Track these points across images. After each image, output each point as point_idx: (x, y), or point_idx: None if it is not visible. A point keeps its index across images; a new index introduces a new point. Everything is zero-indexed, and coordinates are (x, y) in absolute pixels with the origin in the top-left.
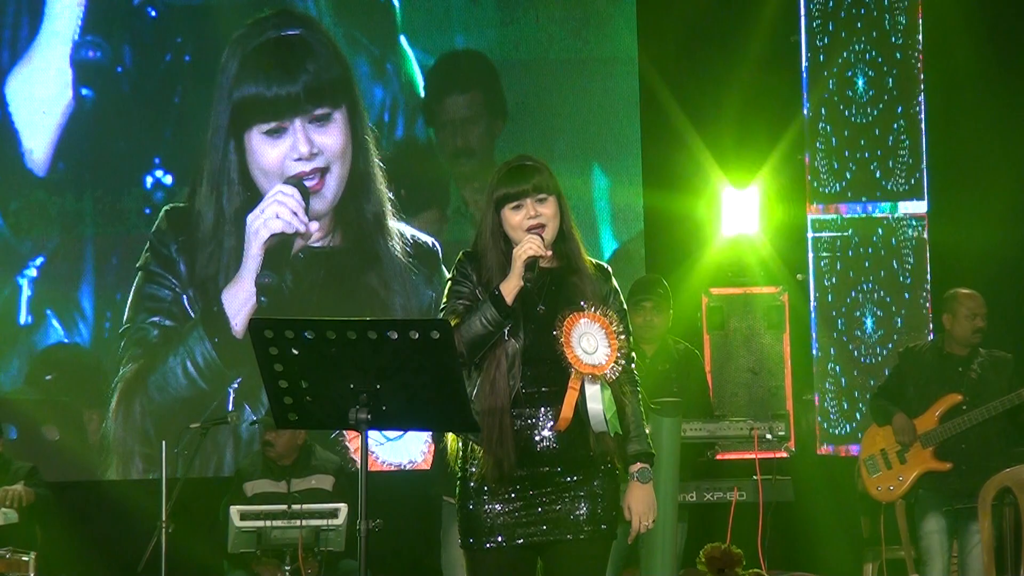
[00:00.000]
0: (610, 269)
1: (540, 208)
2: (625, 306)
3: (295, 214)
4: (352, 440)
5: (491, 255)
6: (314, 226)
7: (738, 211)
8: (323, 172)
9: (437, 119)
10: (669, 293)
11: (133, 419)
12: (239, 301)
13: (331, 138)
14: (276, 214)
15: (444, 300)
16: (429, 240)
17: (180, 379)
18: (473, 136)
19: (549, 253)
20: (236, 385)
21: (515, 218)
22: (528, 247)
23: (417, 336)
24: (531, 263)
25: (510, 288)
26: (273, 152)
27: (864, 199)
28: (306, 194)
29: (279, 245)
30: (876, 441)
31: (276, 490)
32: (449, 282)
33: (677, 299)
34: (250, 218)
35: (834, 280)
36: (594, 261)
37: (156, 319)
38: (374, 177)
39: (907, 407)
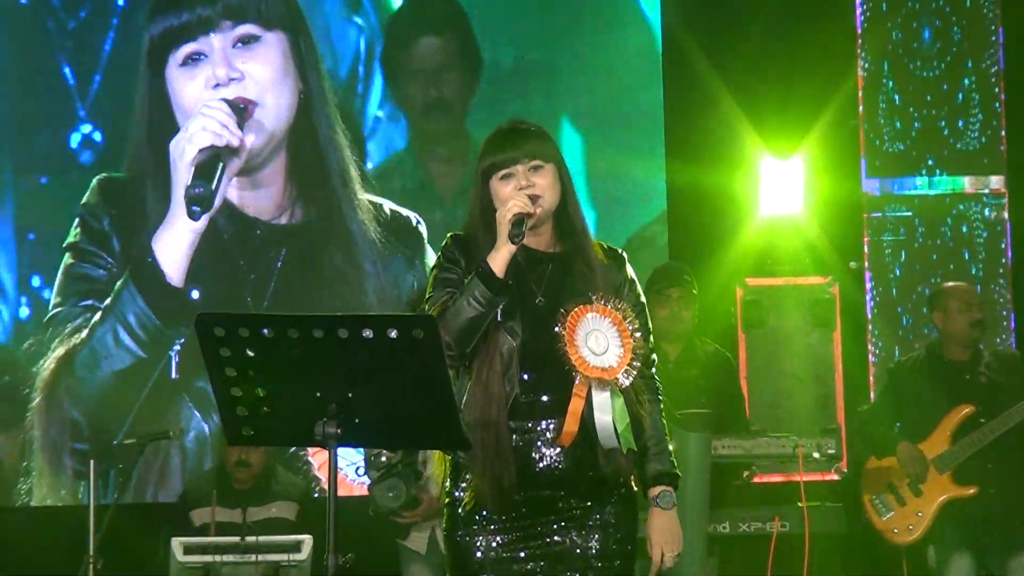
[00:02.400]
0: (624, 255)
1: (534, 177)
2: (643, 299)
3: (225, 126)
4: (316, 456)
5: (483, 236)
6: (250, 140)
7: (779, 186)
8: (250, 103)
9: (404, 68)
10: (694, 281)
11: (58, 414)
12: (174, 245)
13: (259, 64)
14: (202, 126)
15: (429, 291)
16: (411, 216)
17: (112, 350)
18: (448, 89)
19: (539, 211)
20: (178, 347)
21: (505, 189)
22: (512, 204)
23: (397, 335)
24: (517, 221)
25: (499, 258)
26: (191, 85)
27: (930, 172)
28: (238, 111)
29: (209, 160)
30: (880, 476)
31: (229, 519)
32: (434, 269)
33: (706, 292)
34: (173, 143)
35: (895, 268)
36: (605, 245)
37: (89, 302)
38: (336, 134)
39: (908, 430)
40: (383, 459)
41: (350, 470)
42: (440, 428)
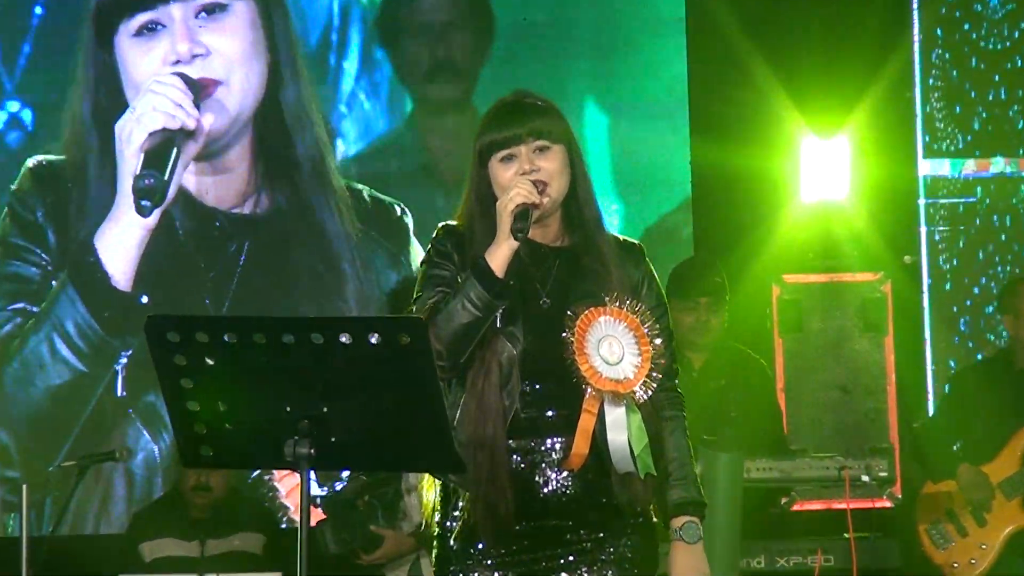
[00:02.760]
0: (643, 248)
1: (540, 160)
2: (664, 298)
3: (179, 105)
4: (284, 480)
5: (479, 227)
6: (209, 121)
7: (822, 169)
8: (215, 83)
9: (405, 24)
10: (726, 283)
11: None
12: (120, 242)
13: (226, 38)
14: (152, 106)
15: (417, 290)
16: (395, 205)
17: (47, 363)
18: (457, 50)
19: (546, 201)
20: (125, 360)
21: (505, 174)
22: (516, 193)
23: (379, 340)
24: (521, 213)
25: (499, 255)
26: (146, 60)
27: (996, 153)
28: (195, 88)
29: (161, 146)
30: (938, 502)
31: (185, 553)
32: (424, 265)
33: (738, 291)
34: (119, 125)
35: (955, 263)
36: (620, 237)
37: (19, 305)
38: (308, 112)
39: (971, 450)
40: (338, 488)
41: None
42: (429, 447)
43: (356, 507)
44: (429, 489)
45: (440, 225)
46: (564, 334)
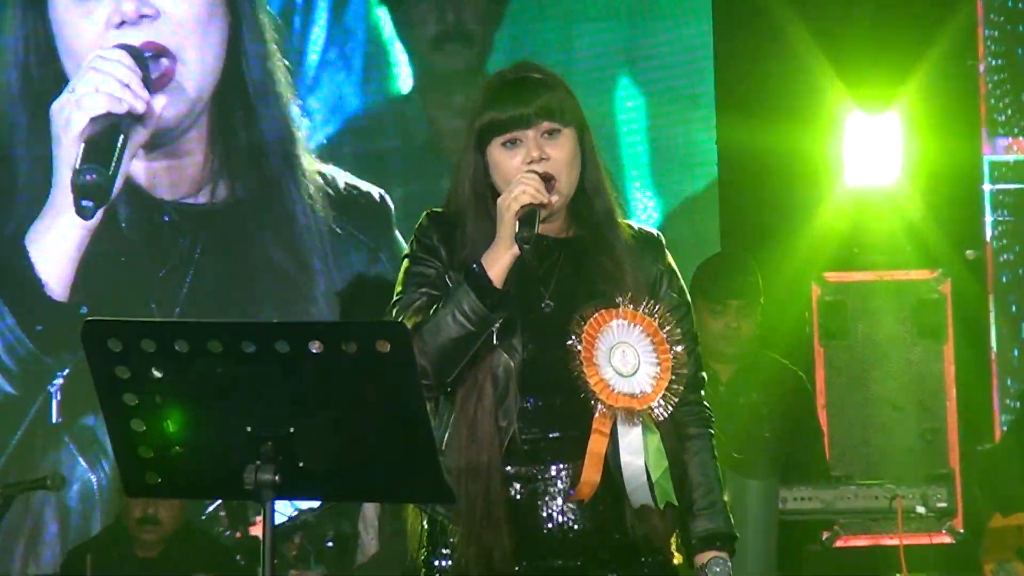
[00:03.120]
0: (662, 239)
1: (549, 147)
2: (687, 296)
3: (125, 85)
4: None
5: (472, 219)
6: (161, 104)
7: (870, 150)
8: (166, 54)
9: None
10: (760, 282)
11: None
12: (56, 245)
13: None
14: (95, 86)
15: (398, 290)
16: (373, 190)
17: None
18: (469, 14)
19: (555, 199)
20: (61, 380)
21: (509, 161)
22: (521, 190)
23: (355, 349)
24: (528, 215)
25: (498, 263)
26: (86, 24)
27: None
28: (143, 63)
29: (105, 135)
30: (1007, 538)
31: None
32: (406, 260)
33: (772, 290)
34: (55, 107)
35: None
36: (635, 226)
37: None
38: (275, 85)
39: None
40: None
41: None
42: (414, 474)
43: (281, 553)
44: (414, 522)
45: (425, 212)
46: (570, 342)
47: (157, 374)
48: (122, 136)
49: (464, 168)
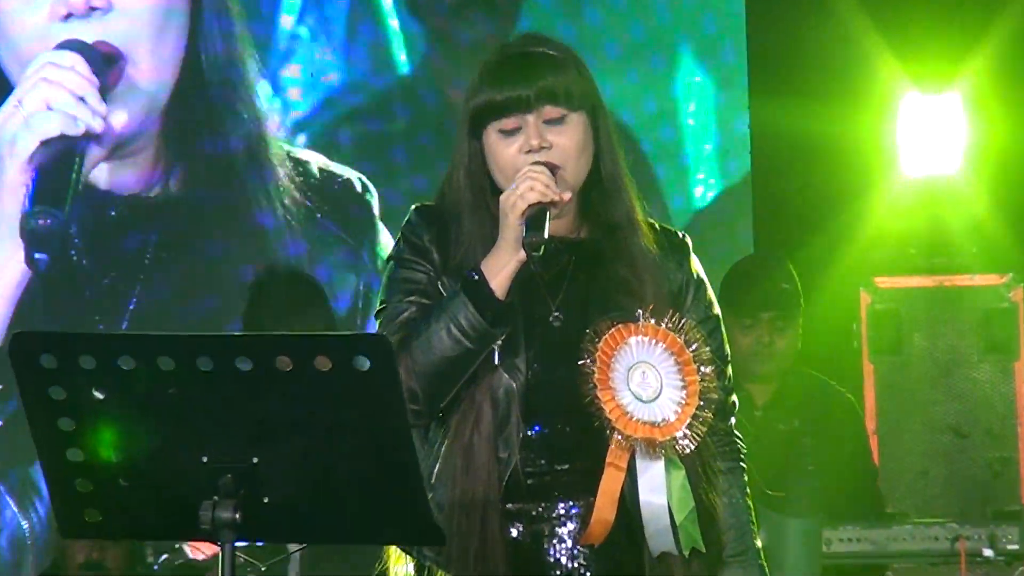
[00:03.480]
0: (688, 241)
1: (552, 134)
2: (716, 309)
3: (81, 99)
4: (197, 552)
5: (468, 216)
6: (121, 121)
7: (928, 135)
8: (117, 59)
9: None
10: (800, 290)
11: None
12: None
13: None
14: (47, 102)
15: (382, 298)
16: (353, 178)
17: None
18: None
19: (567, 197)
20: None
21: (506, 151)
22: (528, 186)
23: (330, 366)
24: (536, 216)
25: (502, 269)
26: (28, 15)
27: None
28: (100, 68)
29: (59, 165)
30: None
31: None
32: (391, 264)
33: (814, 298)
34: None
35: None
36: (658, 226)
37: None
38: (241, 56)
39: None
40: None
41: None
42: (397, 512)
43: None
44: (398, 564)
45: (413, 208)
46: (581, 361)
47: (98, 395)
48: (77, 162)
49: (459, 156)
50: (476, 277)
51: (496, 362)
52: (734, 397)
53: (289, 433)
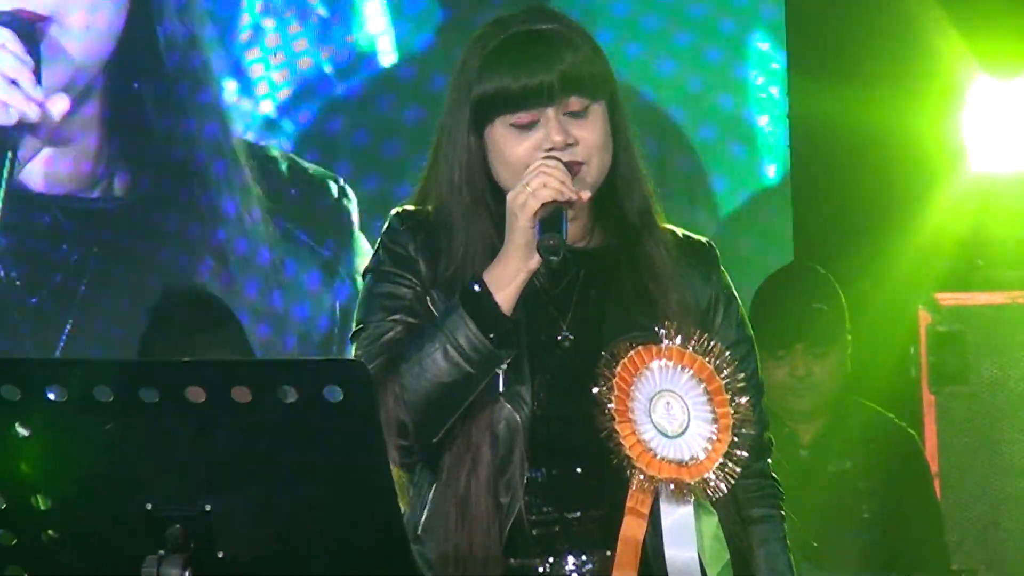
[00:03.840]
0: (715, 251)
1: (575, 128)
2: (749, 329)
3: (13, 83)
4: None
5: (464, 222)
6: (59, 106)
7: (1000, 126)
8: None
9: None
10: (843, 309)
11: None
12: None
13: None
14: None
15: (359, 317)
16: (328, 179)
17: None
18: None
19: (586, 196)
20: None
21: (517, 147)
22: (541, 182)
23: (296, 397)
24: (550, 217)
25: (510, 280)
26: None
27: None
28: (35, 44)
29: None
30: None
31: None
32: (370, 277)
33: (864, 318)
34: None
35: None
36: (680, 233)
37: None
38: (196, 35)
39: None
40: None
41: None
42: (375, 569)
43: None
44: None
45: (394, 212)
46: (596, 389)
47: (23, 432)
48: (9, 156)
49: (454, 153)
50: (479, 289)
51: (500, 390)
52: (769, 435)
53: (247, 476)
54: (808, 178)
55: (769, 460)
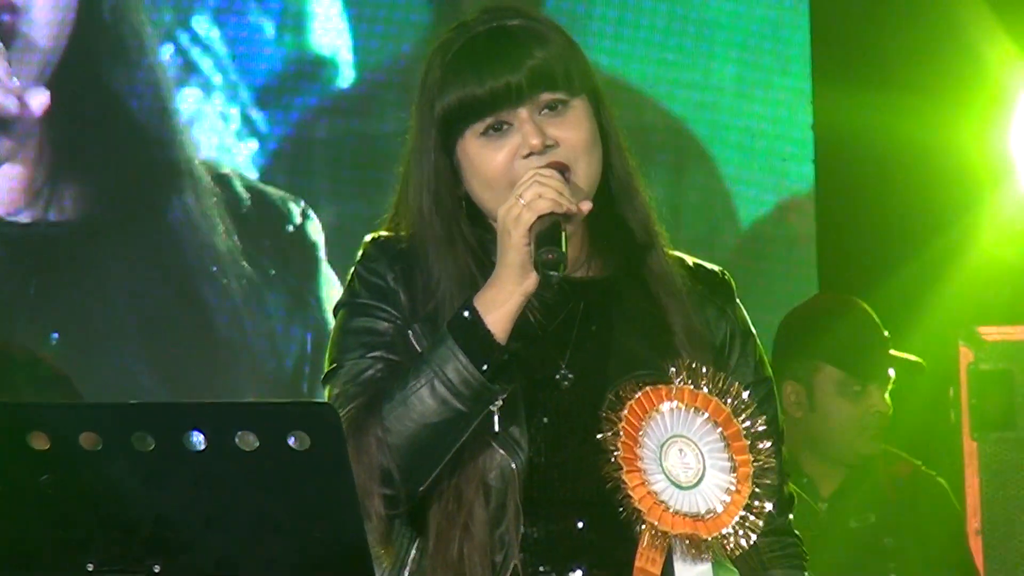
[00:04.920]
0: (730, 281)
1: (554, 128)
2: (769, 371)
3: None
4: None
5: (437, 250)
6: (39, 101)
7: None
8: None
9: None
10: (889, 340)
11: None
12: None
13: None
14: None
15: (333, 355)
16: (292, 203)
17: None
18: None
19: (586, 207)
20: None
21: (494, 158)
22: (536, 192)
23: (257, 445)
24: (547, 231)
25: (503, 303)
26: None
27: None
28: (7, 36)
29: None
30: None
31: None
32: (343, 311)
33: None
34: None
35: None
36: (692, 262)
37: None
38: (145, 41)
39: None
40: None
41: None
42: None
43: None
44: None
45: (368, 239)
46: (601, 435)
47: None
48: None
49: (422, 179)
50: (469, 316)
51: (495, 430)
52: (791, 485)
53: (201, 533)
54: (834, 195)
55: (791, 516)
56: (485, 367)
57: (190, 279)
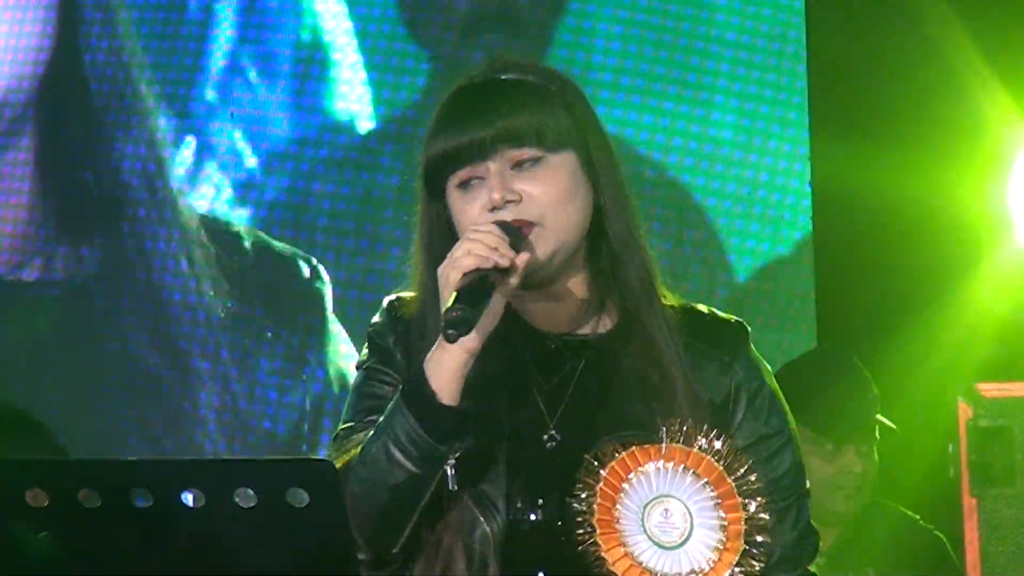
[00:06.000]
0: (745, 330)
1: (522, 182)
2: (789, 420)
3: None
4: None
5: (431, 305)
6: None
7: None
8: None
9: None
10: (873, 403)
11: None
12: None
13: None
14: None
15: (346, 417)
16: (300, 259)
17: None
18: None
19: (524, 258)
20: None
21: (469, 209)
22: (465, 250)
23: (255, 502)
24: (469, 288)
25: (444, 364)
26: None
27: None
28: None
29: None
30: None
31: None
32: (360, 373)
33: (896, 410)
34: None
35: None
36: (706, 310)
37: None
38: (140, 92)
39: None
40: None
41: None
42: None
43: None
44: None
45: (385, 302)
46: (576, 503)
47: None
48: None
49: (420, 229)
50: (415, 379)
51: (451, 487)
52: (813, 539)
53: None
54: (834, 253)
55: (812, 568)
56: (434, 427)
57: (177, 335)
